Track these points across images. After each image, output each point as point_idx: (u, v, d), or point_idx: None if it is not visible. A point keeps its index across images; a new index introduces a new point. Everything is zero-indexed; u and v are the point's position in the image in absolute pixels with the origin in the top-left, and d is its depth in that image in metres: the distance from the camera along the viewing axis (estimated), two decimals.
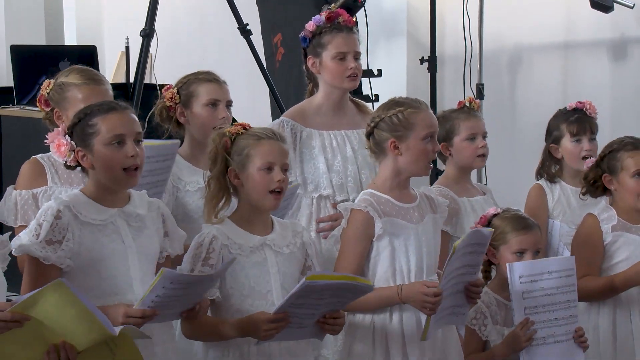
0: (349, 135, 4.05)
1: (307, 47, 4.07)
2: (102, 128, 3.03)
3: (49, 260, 2.93)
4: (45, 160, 3.59)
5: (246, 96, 7.31)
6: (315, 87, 4.12)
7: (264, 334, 3.00)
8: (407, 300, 3.33)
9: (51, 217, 2.96)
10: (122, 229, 3.06)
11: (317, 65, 4.03)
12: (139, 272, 3.05)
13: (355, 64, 3.99)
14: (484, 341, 3.55)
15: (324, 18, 4.02)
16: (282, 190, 3.18)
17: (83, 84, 3.58)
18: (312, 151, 4.02)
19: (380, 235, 3.41)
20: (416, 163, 3.44)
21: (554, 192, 4.31)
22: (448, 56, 7.16)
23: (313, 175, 4.01)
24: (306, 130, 4.03)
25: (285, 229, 3.29)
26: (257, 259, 3.17)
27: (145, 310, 2.86)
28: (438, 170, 6.28)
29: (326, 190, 3.99)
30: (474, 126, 4.06)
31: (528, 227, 3.60)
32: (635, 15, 6.20)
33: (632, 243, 3.81)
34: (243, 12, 6.11)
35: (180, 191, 3.82)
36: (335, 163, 4.01)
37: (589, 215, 3.87)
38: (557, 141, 4.31)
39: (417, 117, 3.43)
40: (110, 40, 8.76)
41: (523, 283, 3.42)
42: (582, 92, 6.17)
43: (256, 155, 3.15)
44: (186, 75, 3.94)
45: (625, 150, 3.80)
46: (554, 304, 3.47)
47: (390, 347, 3.40)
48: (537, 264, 3.47)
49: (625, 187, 3.80)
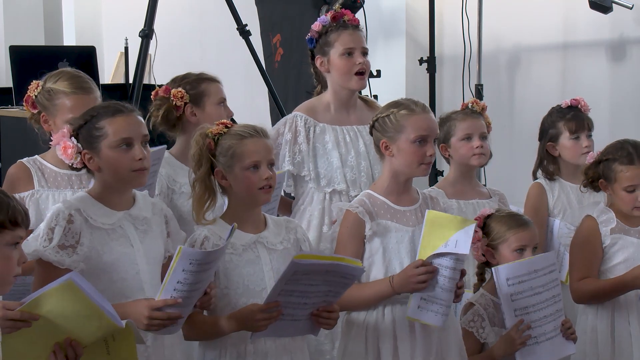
0: (360, 130, 4.08)
1: (314, 47, 4.09)
2: (109, 131, 3.02)
3: (64, 265, 2.93)
4: (31, 164, 3.58)
5: (245, 96, 7.33)
6: (323, 88, 4.14)
7: (258, 324, 2.99)
8: (400, 286, 3.32)
9: (63, 221, 2.96)
10: (129, 232, 3.06)
11: (326, 64, 4.05)
12: (148, 274, 3.05)
13: (363, 59, 4.02)
14: (482, 343, 3.55)
15: (329, 18, 4.05)
16: (272, 186, 3.19)
17: (72, 92, 3.55)
18: (326, 146, 4.04)
19: (370, 237, 3.41)
20: (408, 165, 3.44)
21: (554, 190, 4.31)
22: (447, 56, 7.17)
23: (326, 170, 4.03)
24: (320, 125, 4.06)
25: (279, 226, 3.29)
26: (250, 257, 3.17)
27: (167, 300, 2.83)
28: (437, 171, 6.30)
29: (340, 185, 4.01)
30: (470, 126, 4.06)
31: (524, 223, 3.60)
32: (633, 16, 6.20)
33: (630, 245, 3.80)
34: (242, 13, 6.11)
35: (175, 193, 3.83)
36: (349, 158, 4.04)
37: (588, 217, 3.87)
38: (555, 139, 4.31)
39: (409, 120, 3.42)
40: (109, 40, 8.78)
41: (511, 285, 3.41)
42: (580, 92, 6.14)
43: (241, 155, 3.15)
44: (183, 76, 3.95)
45: (620, 162, 3.79)
46: (542, 301, 3.46)
47: (382, 347, 3.40)
48: (522, 265, 3.45)
49: (618, 198, 3.81)
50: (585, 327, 3.80)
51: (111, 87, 6.65)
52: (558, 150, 4.31)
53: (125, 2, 8.69)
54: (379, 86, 6.40)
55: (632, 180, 3.76)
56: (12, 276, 2.56)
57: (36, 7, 8.90)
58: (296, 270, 2.93)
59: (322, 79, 4.13)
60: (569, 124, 4.29)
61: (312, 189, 4.03)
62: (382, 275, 3.41)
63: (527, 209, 4.27)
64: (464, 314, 3.57)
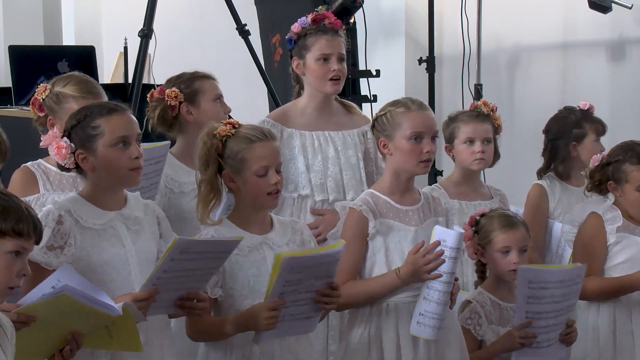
0: (332, 136, 4.05)
1: (292, 48, 4.07)
2: (106, 130, 3.00)
3: (51, 266, 2.91)
4: (36, 168, 3.57)
5: (244, 96, 7.32)
6: (301, 88, 4.13)
7: (265, 322, 2.97)
8: (407, 276, 3.34)
9: (52, 222, 2.94)
10: (121, 233, 3.04)
11: (301, 67, 4.03)
12: (139, 275, 3.03)
13: (338, 66, 3.98)
14: (479, 341, 3.56)
15: (310, 20, 4.02)
16: (279, 191, 3.19)
17: (81, 97, 3.54)
18: (292, 151, 4.02)
19: (373, 235, 3.42)
20: (406, 162, 3.44)
21: (555, 192, 4.31)
22: (446, 56, 7.17)
23: (293, 175, 4.01)
24: (287, 131, 4.04)
25: (285, 227, 3.29)
26: (256, 258, 3.17)
27: (150, 289, 2.85)
28: (437, 171, 6.30)
29: (305, 190, 3.99)
30: (472, 130, 4.05)
31: (512, 224, 3.59)
32: (633, 16, 6.20)
33: (634, 245, 3.79)
34: (241, 13, 6.11)
35: (174, 192, 3.82)
36: (316, 163, 4.02)
37: (593, 215, 3.84)
38: (579, 139, 4.31)
39: (404, 117, 3.42)
40: (108, 40, 8.77)
41: (532, 289, 3.38)
42: (580, 92, 6.18)
43: (250, 159, 3.14)
44: (177, 75, 3.95)
45: (630, 163, 3.78)
46: (557, 310, 3.45)
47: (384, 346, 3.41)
48: (549, 273, 3.41)
49: (628, 199, 3.79)
50: (586, 326, 3.79)
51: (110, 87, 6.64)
52: (578, 151, 4.30)
53: (124, 2, 8.69)
54: (378, 86, 6.39)
55: None
56: (8, 287, 2.51)
57: (36, 7, 8.90)
58: (292, 267, 2.93)
59: (299, 79, 4.12)
60: (596, 127, 4.30)
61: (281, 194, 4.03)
62: (383, 273, 3.41)
63: (527, 210, 4.27)
64: (462, 312, 3.58)
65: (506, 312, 3.60)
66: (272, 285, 2.96)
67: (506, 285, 3.63)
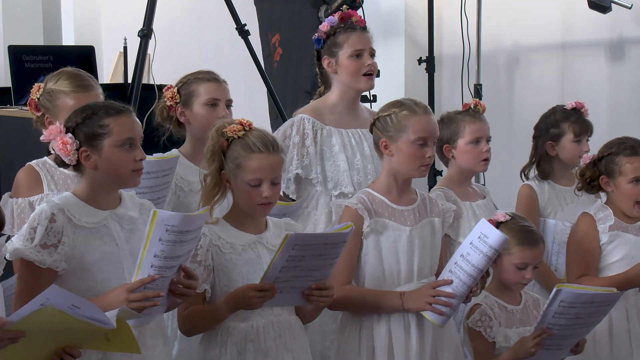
0: (365, 133, 4.07)
1: (321, 48, 4.09)
2: (115, 129, 3.01)
3: (45, 264, 2.92)
4: (40, 167, 3.58)
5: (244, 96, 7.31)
6: (327, 88, 4.13)
7: (252, 301, 3.03)
8: (409, 298, 3.36)
9: (45, 220, 2.94)
10: (114, 231, 3.04)
11: (334, 65, 4.06)
12: (133, 274, 3.01)
13: (371, 61, 4.07)
14: (492, 343, 3.53)
15: (337, 19, 4.06)
16: (271, 203, 3.20)
17: (72, 91, 3.56)
18: (333, 149, 4.05)
19: (367, 234, 3.44)
20: (407, 165, 3.45)
21: (544, 191, 4.30)
22: (446, 56, 7.17)
23: (333, 173, 4.03)
24: (326, 128, 4.06)
25: (279, 227, 3.30)
26: (250, 256, 3.19)
27: (144, 279, 2.85)
28: (436, 171, 6.30)
29: (347, 188, 4.02)
30: (479, 129, 4.02)
31: (534, 242, 3.56)
32: (632, 16, 6.20)
33: (627, 243, 3.81)
34: (241, 13, 6.11)
35: (183, 190, 3.82)
36: (355, 161, 4.05)
37: (585, 215, 3.86)
38: (556, 139, 4.30)
39: (410, 120, 3.43)
40: (108, 40, 8.77)
41: (561, 307, 3.36)
42: (579, 92, 6.18)
43: (246, 168, 3.17)
44: (186, 74, 3.95)
45: (624, 155, 3.79)
46: (579, 325, 3.44)
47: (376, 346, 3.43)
48: (585, 295, 3.37)
49: (621, 192, 3.80)
50: None
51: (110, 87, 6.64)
52: (556, 151, 4.30)
53: (124, 2, 8.69)
54: (377, 86, 6.32)
55: (639, 171, 3.75)
56: None
57: (35, 7, 8.90)
58: (296, 244, 2.95)
59: (326, 79, 4.13)
60: (574, 126, 4.28)
61: (318, 192, 4.03)
62: (378, 272, 3.44)
63: (519, 211, 4.26)
64: (471, 315, 3.56)
65: (512, 315, 3.60)
66: (273, 261, 2.99)
67: (510, 289, 3.63)
